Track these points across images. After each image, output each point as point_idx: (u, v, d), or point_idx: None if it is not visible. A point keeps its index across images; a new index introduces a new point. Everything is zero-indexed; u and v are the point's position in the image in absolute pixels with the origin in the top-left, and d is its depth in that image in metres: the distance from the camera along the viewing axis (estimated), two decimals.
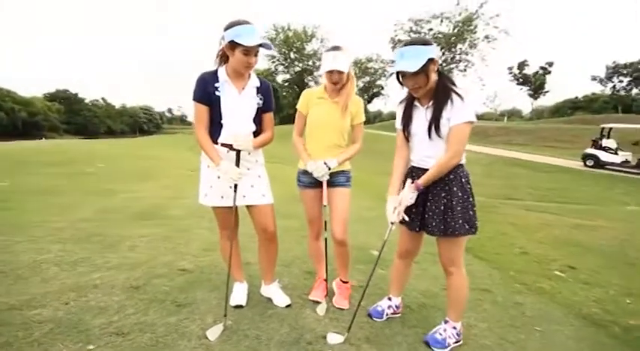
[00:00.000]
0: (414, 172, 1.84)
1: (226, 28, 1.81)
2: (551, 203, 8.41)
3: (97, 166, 9.87)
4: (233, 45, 1.80)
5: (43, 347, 1.57)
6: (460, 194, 1.74)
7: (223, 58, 1.94)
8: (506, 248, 4.28)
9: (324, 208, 2.20)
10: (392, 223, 1.84)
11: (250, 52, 1.81)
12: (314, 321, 2.02)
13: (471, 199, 1.76)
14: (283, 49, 40.26)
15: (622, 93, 46.22)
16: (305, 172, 2.22)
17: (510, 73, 48.52)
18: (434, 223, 1.76)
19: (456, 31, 33.22)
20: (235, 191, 1.91)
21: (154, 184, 7.83)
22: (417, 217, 1.84)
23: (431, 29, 34.32)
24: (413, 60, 1.61)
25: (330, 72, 2.06)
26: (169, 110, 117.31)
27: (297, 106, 2.27)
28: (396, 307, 2.19)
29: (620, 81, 46.13)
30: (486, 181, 10.88)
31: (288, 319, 2.02)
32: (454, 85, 1.71)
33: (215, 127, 1.93)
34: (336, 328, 1.97)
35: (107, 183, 7.27)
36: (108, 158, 12.09)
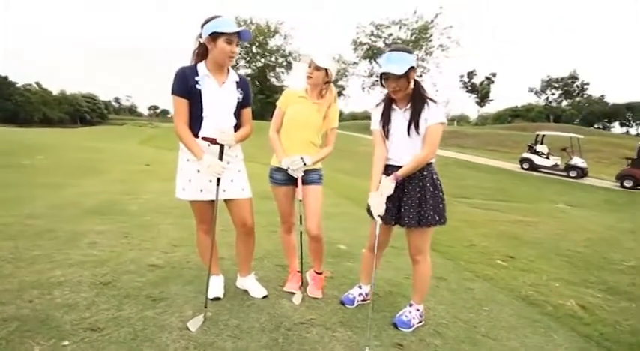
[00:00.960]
0: (389, 170, 2.01)
1: (204, 24, 1.86)
2: (495, 201, 9.30)
3: (37, 158, 8.96)
4: (214, 36, 1.84)
5: (12, 345, 1.49)
6: (432, 190, 1.95)
7: (199, 56, 1.96)
8: (457, 241, 4.71)
9: (298, 203, 2.29)
10: (379, 216, 1.96)
11: (232, 40, 1.87)
12: (291, 309, 2.12)
13: (440, 194, 1.98)
14: (245, 44, 39.33)
15: (554, 104, 51.93)
16: (278, 170, 2.28)
17: (461, 80, 52.14)
18: (410, 216, 1.94)
19: (413, 38, 34.96)
20: (218, 185, 1.93)
21: (104, 179, 7.33)
22: (393, 212, 2.02)
23: (391, 34, 35.79)
24: (399, 64, 1.79)
25: (309, 64, 2.19)
26: (117, 99, 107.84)
27: (277, 103, 2.33)
28: (366, 294, 2.36)
29: (553, 93, 51.83)
30: (442, 181, 11.68)
31: (266, 308, 2.09)
32: (426, 92, 1.93)
33: (195, 120, 1.93)
34: (312, 315, 2.09)
35: (51, 177, 6.67)
36: (48, 150, 11.00)
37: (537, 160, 15.41)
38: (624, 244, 5.37)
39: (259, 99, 37.70)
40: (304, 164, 2.17)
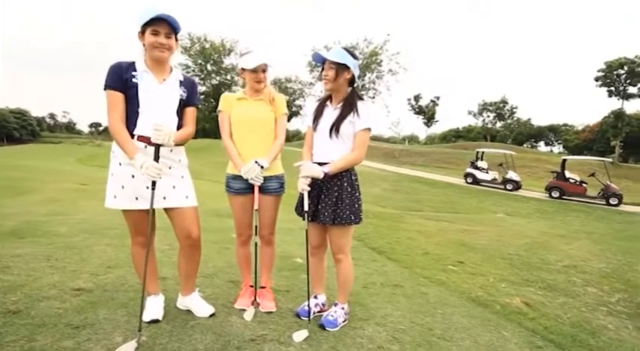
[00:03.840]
0: None
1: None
2: (444, 213, 9.80)
3: None
4: (143, 30, 1.73)
5: None
6: (349, 189, 1.98)
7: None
8: (412, 250, 4.81)
9: (255, 212, 2.13)
10: (303, 190, 1.96)
11: (159, 32, 1.72)
12: (241, 326, 1.94)
13: (357, 194, 2.02)
14: (199, 61, 38.48)
15: (490, 126, 57.47)
16: (235, 177, 2.13)
17: (409, 103, 55.73)
18: (326, 213, 1.96)
19: (365, 62, 36.92)
20: (153, 189, 1.73)
21: (28, 199, 6.47)
22: (311, 209, 2.02)
23: None
24: (335, 55, 1.92)
25: (255, 71, 2.07)
26: (51, 116, 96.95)
27: (220, 108, 2.19)
28: (322, 304, 2.26)
29: (488, 116, 57.37)
30: (395, 195, 12.11)
31: (213, 328, 1.89)
32: (361, 99, 2.03)
33: (131, 117, 1.74)
34: (264, 330, 1.93)
35: None
36: None
37: (479, 175, 16.70)
38: (557, 246, 5.90)
39: (213, 117, 36.78)
40: (262, 168, 2.03)
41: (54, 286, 2.27)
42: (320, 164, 1.96)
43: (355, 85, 2.08)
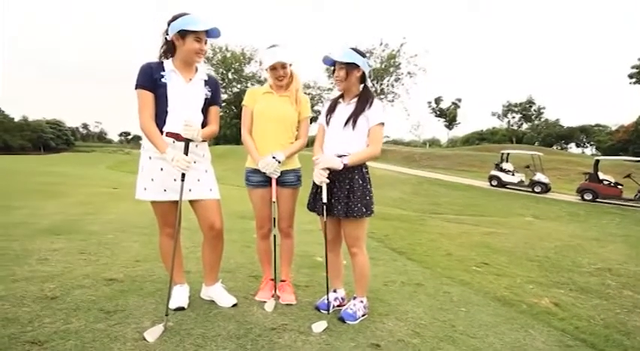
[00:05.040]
0: None
1: (171, 21, 1.82)
2: (467, 216, 9.53)
3: None
4: (183, 34, 1.81)
5: None
6: (361, 182, 2.00)
7: (166, 53, 1.92)
8: (434, 251, 4.72)
9: (273, 204, 2.18)
10: (322, 183, 1.99)
11: (201, 38, 1.84)
12: (262, 316, 1.98)
13: (369, 187, 2.04)
14: (221, 69, 39.71)
15: (515, 127, 55.44)
16: (254, 171, 2.18)
17: (429, 106, 54.75)
18: (339, 206, 1.98)
19: (383, 66, 36.79)
20: (183, 180, 1.82)
21: (64, 201, 6.86)
22: (321, 203, 2.03)
23: None
24: (343, 55, 1.96)
25: (274, 68, 2.12)
26: (84, 126, 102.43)
27: (244, 102, 2.25)
28: (342, 299, 2.27)
29: (513, 117, 55.42)
30: (415, 198, 11.91)
31: (235, 316, 1.94)
32: (373, 96, 2.08)
33: (160, 115, 1.85)
34: (284, 321, 1.96)
35: (1, 199, 6.15)
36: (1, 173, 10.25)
37: (504, 177, 16.11)
38: (590, 250, 5.60)
39: (234, 123, 37.64)
40: (278, 162, 2.09)
41: (87, 276, 2.40)
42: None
43: (373, 83, 2.12)
